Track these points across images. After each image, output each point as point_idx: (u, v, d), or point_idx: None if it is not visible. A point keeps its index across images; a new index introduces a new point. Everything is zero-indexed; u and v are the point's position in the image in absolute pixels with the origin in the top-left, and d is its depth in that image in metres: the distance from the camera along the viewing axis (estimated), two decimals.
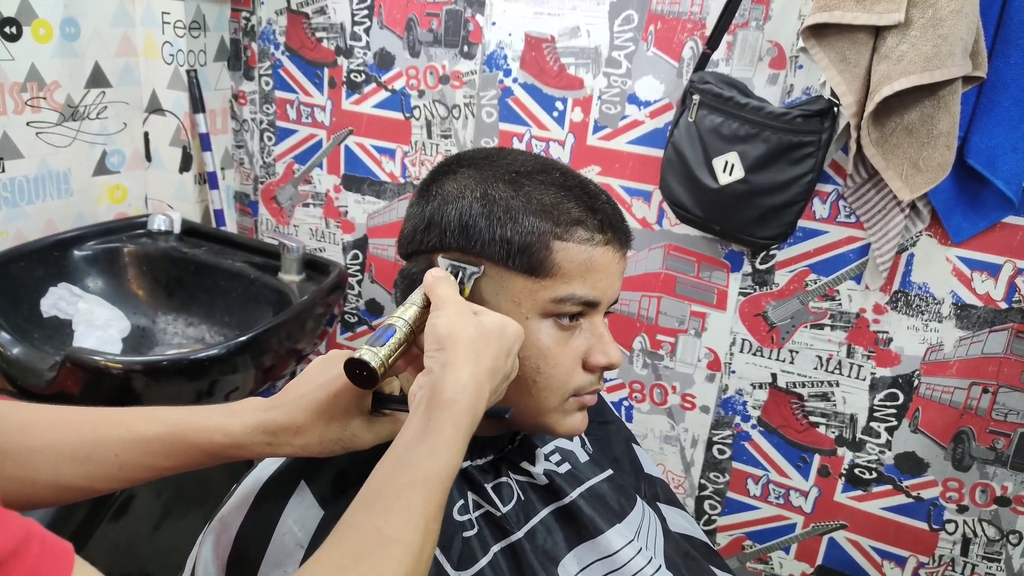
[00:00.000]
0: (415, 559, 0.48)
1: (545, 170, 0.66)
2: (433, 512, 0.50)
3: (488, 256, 0.63)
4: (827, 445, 1.41)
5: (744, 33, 1.27)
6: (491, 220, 0.63)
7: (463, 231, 0.63)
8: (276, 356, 1.43)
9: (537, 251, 0.62)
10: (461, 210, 0.64)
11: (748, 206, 1.22)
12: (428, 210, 0.66)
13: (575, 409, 0.68)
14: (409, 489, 0.50)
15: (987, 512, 1.32)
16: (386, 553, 0.47)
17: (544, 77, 1.44)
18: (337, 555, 0.48)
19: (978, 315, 1.24)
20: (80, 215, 1.62)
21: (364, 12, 1.56)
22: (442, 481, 0.52)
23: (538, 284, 0.63)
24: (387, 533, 0.48)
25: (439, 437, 0.52)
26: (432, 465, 0.51)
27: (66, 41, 1.50)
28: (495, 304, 0.64)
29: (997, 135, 1.12)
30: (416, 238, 0.67)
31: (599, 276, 0.65)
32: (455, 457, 0.52)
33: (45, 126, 1.50)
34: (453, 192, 0.65)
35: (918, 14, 1.02)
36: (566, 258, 0.63)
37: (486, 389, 0.55)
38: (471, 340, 0.55)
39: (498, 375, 0.56)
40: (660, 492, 0.88)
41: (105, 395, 1.24)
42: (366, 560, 0.47)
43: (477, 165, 0.67)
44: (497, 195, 0.64)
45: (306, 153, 1.73)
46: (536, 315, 0.64)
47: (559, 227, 0.63)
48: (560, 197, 0.64)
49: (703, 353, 1.46)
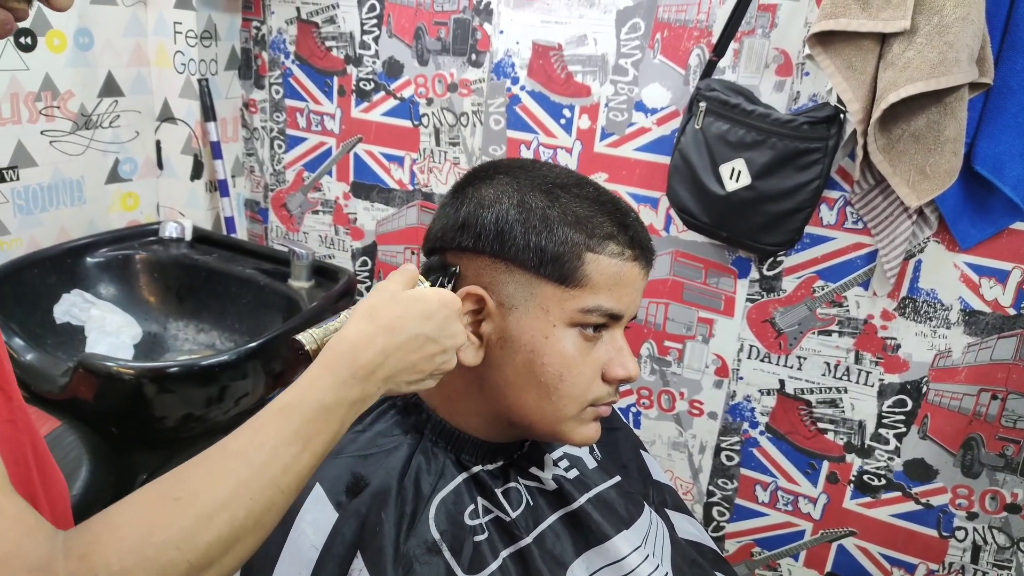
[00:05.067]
0: (253, 473, 0.50)
1: (580, 184, 0.68)
2: (286, 436, 0.52)
3: (521, 263, 0.65)
4: (836, 452, 1.40)
5: (750, 40, 1.27)
6: (527, 228, 0.64)
7: (498, 236, 0.65)
8: (286, 362, 1.44)
9: (569, 261, 0.64)
10: (498, 215, 0.65)
11: (755, 212, 1.22)
12: (463, 212, 0.67)
13: (591, 419, 0.70)
14: (265, 414, 0.53)
15: (997, 519, 1.31)
16: (223, 464, 0.50)
17: (551, 85, 1.45)
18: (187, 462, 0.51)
19: (986, 321, 1.24)
20: (93, 223, 1.64)
21: (373, 21, 1.58)
22: (298, 409, 0.53)
23: (567, 293, 0.65)
24: (231, 448, 0.51)
25: (307, 374, 0.55)
26: (291, 395, 0.54)
27: (80, 51, 1.52)
28: (523, 310, 0.66)
29: (1004, 141, 1.12)
30: (447, 236, 0.69)
31: (625, 290, 0.66)
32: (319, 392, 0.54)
33: (59, 135, 1.52)
34: (490, 197, 0.67)
35: (924, 21, 1.02)
36: (596, 270, 0.65)
37: (378, 343, 0.57)
38: (371, 304, 0.59)
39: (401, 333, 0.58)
40: (668, 498, 0.88)
41: (117, 400, 1.26)
42: (203, 466, 0.50)
43: (514, 174, 0.69)
44: (534, 204, 0.65)
45: (316, 161, 1.74)
46: (563, 323, 0.65)
47: (592, 240, 0.65)
48: (594, 211, 0.66)
49: (711, 359, 1.46)
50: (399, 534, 0.64)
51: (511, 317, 0.66)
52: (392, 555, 0.63)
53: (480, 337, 0.67)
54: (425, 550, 0.64)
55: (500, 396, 0.68)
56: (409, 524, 0.65)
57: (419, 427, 0.72)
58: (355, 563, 0.63)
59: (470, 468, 0.71)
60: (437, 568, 0.64)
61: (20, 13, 0.50)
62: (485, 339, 0.67)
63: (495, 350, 0.67)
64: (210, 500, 0.48)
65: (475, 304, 0.67)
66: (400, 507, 0.66)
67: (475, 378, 0.69)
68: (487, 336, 0.67)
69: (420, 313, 0.59)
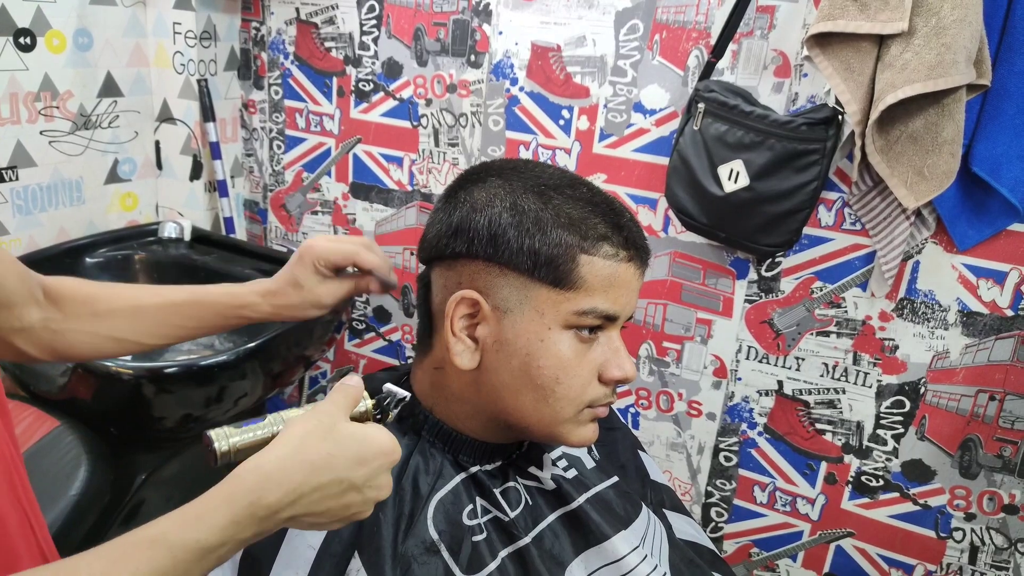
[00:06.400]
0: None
1: (572, 185, 0.68)
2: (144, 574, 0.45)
3: (514, 266, 0.64)
4: (834, 452, 1.40)
5: (749, 42, 1.28)
6: (520, 231, 0.64)
7: (492, 240, 0.65)
8: (285, 363, 1.44)
9: (563, 263, 0.64)
10: (490, 219, 0.65)
11: (753, 213, 1.22)
12: (456, 217, 0.67)
13: (588, 420, 0.69)
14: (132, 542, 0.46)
15: (995, 520, 1.32)
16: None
17: (550, 86, 1.45)
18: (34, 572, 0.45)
19: (984, 322, 1.24)
20: (92, 223, 1.64)
21: (372, 22, 1.58)
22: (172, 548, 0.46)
23: (562, 296, 0.64)
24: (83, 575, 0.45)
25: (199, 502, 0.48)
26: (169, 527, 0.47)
27: (79, 51, 1.52)
28: (518, 314, 0.65)
29: (1002, 143, 1.12)
30: (441, 243, 0.68)
31: (620, 291, 0.66)
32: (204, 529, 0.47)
33: (58, 135, 1.52)
34: (482, 201, 0.66)
35: (922, 23, 1.02)
36: (591, 272, 0.64)
37: (294, 480, 0.49)
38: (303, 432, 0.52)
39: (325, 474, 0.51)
40: (666, 499, 0.88)
41: (116, 400, 1.26)
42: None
43: (505, 176, 0.68)
44: (527, 206, 0.65)
45: (315, 161, 1.74)
46: (558, 326, 0.65)
47: (586, 241, 0.64)
48: (587, 212, 0.65)
49: (709, 360, 1.46)
50: (397, 534, 0.64)
51: (506, 321, 0.66)
52: (390, 555, 0.63)
53: (476, 341, 0.67)
54: (423, 550, 0.64)
55: (497, 399, 0.68)
56: (407, 524, 0.65)
57: (416, 428, 0.73)
58: (352, 563, 0.63)
59: (468, 468, 0.72)
60: (435, 568, 0.64)
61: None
62: (481, 343, 0.67)
63: (491, 354, 0.67)
64: None
65: (470, 308, 0.66)
66: (398, 507, 0.66)
67: (471, 381, 0.69)
68: (482, 340, 0.67)
69: (354, 457, 0.52)
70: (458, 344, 0.67)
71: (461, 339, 0.67)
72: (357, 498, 0.53)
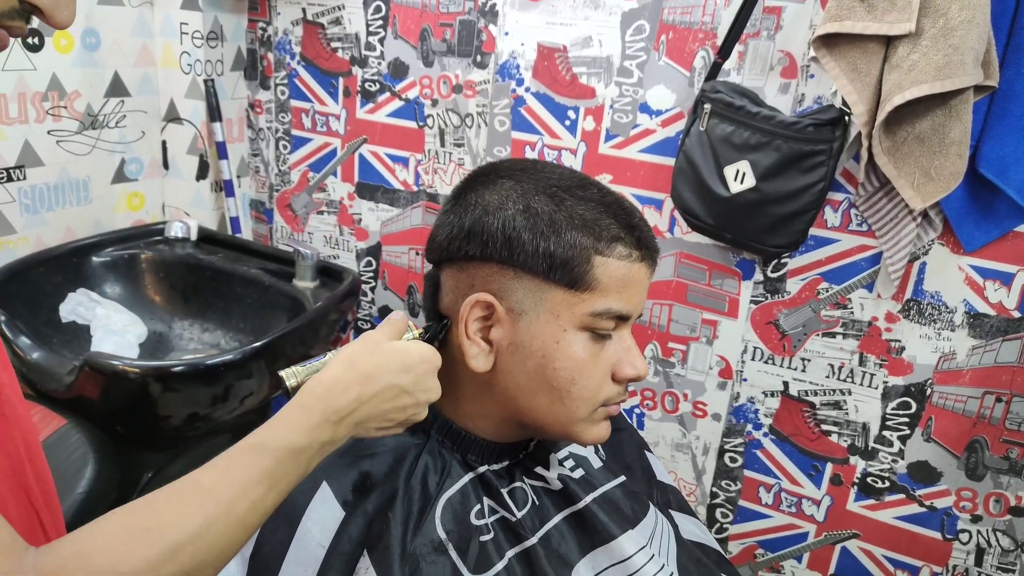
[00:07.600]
0: (221, 512, 0.51)
1: (583, 186, 0.68)
2: (254, 476, 0.53)
3: (529, 269, 0.64)
4: (839, 454, 1.40)
5: (755, 43, 1.28)
6: (534, 233, 0.64)
7: (507, 243, 0.65)
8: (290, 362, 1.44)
9: (578, 265, 0.64)
10: (504, 221, 0.65)
11: (759, 214, 1.22)
12: (468, 219, 0.67)
13: (602, 418, 0.70)
14: (238, 451, 0.54)
15: (1001, 522, 1.31)
16: (193, 500, 0.51)
17: (556, 86, 1.45)
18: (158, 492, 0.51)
19: (991, 324, 1.24)
20: (99, 222, 1.64)
21: (379, 22, 1.58)
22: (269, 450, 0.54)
23: (577, 297, 0.65)
24: (203, 483, 0.52)
25: (281, 414, 0.57)
26: (265, 435, 0.55)
27: (87, 51, 1.52)
28: (533, 316, 0.65)
29: (1009, 144, 1.12)
30: (453, 246, 0.68)
31: (633, 291, 0.66)
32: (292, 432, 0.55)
33: (65, 134, 1.53)
34: (494, 203, 0.66)
35: (929, 24, 1.02)
36: (605, 273, 0.65)
37: (354, 390, 0.58)
38: (352, 351, 0.61)
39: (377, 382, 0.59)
40: (672, 499, 0.88)
41: (123, 399, 1.26)
42: (174, 498, 0.51)
43: (515, 177, 0.68)
44: (540, 208, 0.65)
45: (321, 161, 1.75)
46: (573, 327, 0.65)
47: (600, 242, 0.64)
48: (600, 213, 0.66)
49: (715, 361, 1.46)
50: (406, 533, 0.65)
51: (521, 323, 0.66)
52: (399, 554, 0.63)
53: (490, 343, 0.67)
54: (432, 549, 0.64)
55: (511, 400, 0.68)
56: (416, 523, 0.66)
57: (425, 427, 0.73)
58: (361, 562, 0.63)
59: (476, 468, 0.72)
60: (443, 567, 0.64)
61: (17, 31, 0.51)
62: (495, 345, 0.67)
63: (505, 356, 0.67)
64: (178, 534, 0.49)
65: (484, 311, 0.67)
66: (407, 506, 0.66)
67: (485, 383, 0.69)
68: (497, 342, 0.67)
69: (399, 365, 0.60)
70: (472, 347, 0.67)
71: (476, 342, 0.67)
72: (410, 400, 0.61)
